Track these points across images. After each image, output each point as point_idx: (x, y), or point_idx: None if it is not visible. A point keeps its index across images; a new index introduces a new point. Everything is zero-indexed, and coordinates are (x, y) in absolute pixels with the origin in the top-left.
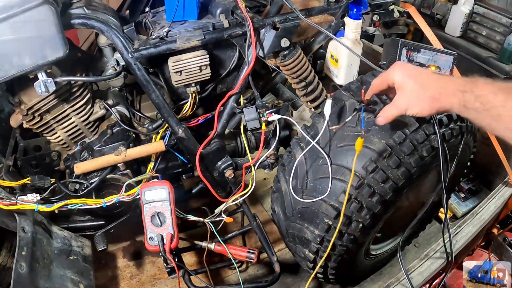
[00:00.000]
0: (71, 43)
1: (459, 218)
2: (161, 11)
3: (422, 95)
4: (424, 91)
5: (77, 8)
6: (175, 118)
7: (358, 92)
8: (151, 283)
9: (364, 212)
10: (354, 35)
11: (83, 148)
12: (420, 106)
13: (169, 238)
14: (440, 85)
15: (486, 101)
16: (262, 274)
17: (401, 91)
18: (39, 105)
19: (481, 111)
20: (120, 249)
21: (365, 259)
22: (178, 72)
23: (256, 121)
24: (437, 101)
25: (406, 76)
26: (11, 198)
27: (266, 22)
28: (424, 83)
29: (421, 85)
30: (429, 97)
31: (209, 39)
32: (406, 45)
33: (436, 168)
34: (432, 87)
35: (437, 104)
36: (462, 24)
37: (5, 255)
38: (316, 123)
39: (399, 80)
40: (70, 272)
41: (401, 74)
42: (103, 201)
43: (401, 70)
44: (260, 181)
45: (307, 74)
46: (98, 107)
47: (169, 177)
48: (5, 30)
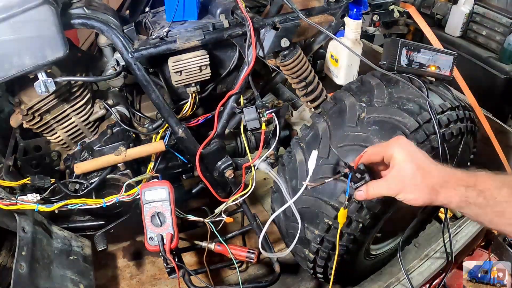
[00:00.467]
0: (71, 43)
1: (459, 218)
2: (161, 11)
3: (421, 184)
4: (424, 180)
5: (77, 8)
6: (175, 118)
7: (358, 92)
8: (151, 283)
9: (364, 212)
10: (354, 35)
11: (83, 148)
12: (415, 195)
13: (169, 238)
14: (442, 177)
15: (490, 196)
16: (262, 274)
17: (397, 171)
18: (39, 105)
19: (484, 206)
20: (120, 249)
21: (365, 259)
22: (178, 72)
23: (256, 121)
24: (437, 194)
25: (407, 156)
26: (11, 198)
27: (266, 22)
28: (426, 171)
29: (422, 172)
30: (429, 188)
31: (209, 39)
32: (406, 45)
33: None
34: (435, 177)
35: (435, 196)
36: (462, 24)
37: (5, 255)
38: (316, 123)
39: (399, 159)
40: (70, 272)
41: (403, 153)
42: (103, 201)
43: (402, 148)
44: (260, 181)
45: (307, 74)
46: (98, 107)
47: (169, 177)
48: (5, 30)
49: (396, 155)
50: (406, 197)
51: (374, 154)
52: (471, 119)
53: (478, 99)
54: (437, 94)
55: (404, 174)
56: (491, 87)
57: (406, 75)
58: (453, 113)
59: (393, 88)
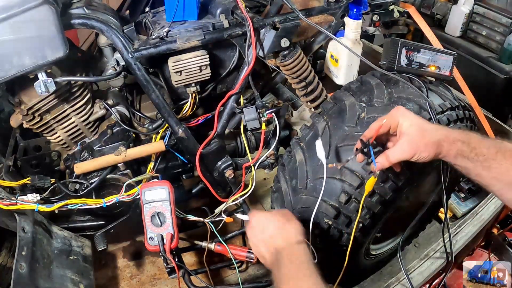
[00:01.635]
0: (71, 43)
1: (459, 218)
2: (161, 11)
3: (429, 142)
4: (431, 138)
5: (77, 8)
6: (175, 118)
7: (358, 92)
8: (151, 283)
9: (364, 212)
10: (354, 35)
11: (83, 148)
12: (427, 152)
13: (169, 238)
14: (443, 133)
15: (480, 153)
16: (262, 274)
17: (408, 136)
18: (39, 105)
19: (474, 161)
20: (120, 249)
21: (365, 259)
22: (178, 72)
23: (256, 121)
24: (441, 147)
25: (412, 121)
26: (11, 198)
27: (266, 22)
28: (429, 131)
29: (427, 132)
30: (435, 144)
31: (209, 39)
32: (406, 45)
33: (436, 168)
34: (438, 134)
35: (440, 149)
36: (462, 24)
37: (5, 255)
38: (316, 123)
39: (406, 125)
40: (70, 272)
41: (408, 120)
42: (103, 201)
43: (405, 116)
44: (260, 181)
45: (307, 74)
46: (98, 107)
47: (169, 177)
48: (5, 30)
49: (403, 122)
50: (421, 156)
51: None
52: (471, 119)
53: (478, 99)
54: (437, 94)
55: (415, 137)
56: (491, 87)
57: (406, 75)
58: (453, 113)
59: (393, 88)
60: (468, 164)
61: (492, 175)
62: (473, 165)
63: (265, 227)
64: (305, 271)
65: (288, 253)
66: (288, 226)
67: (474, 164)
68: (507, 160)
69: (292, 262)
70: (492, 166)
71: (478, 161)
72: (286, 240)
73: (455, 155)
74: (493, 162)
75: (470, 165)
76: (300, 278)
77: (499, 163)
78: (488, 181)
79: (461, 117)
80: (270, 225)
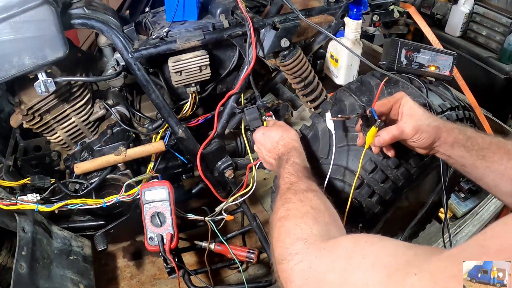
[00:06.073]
0: (71, 43)
1: (459, 218)
2: (161, 11)
3: (431, 124)
4: (432, 122)
5: (77, 8)
6: (175, 118)
7: (358, 92)
8: (151, 283)
9: (364, 212)
10: (354, 35)
11: (83, 148)
12: (428, 133)
13: (169, 238)
14: (441, 121)
15: (475, 142)
16: (262, 274)
17: (411, 115)
18: (39, 105)
19: (470, 150)
20: (120, 249)
21: None
22: (178, 72)
23: (258, 121)
24: (441, 132)
25: (416, 105)
26: (11, 198)
27: (266, 22)
28: (429, 115)
29: (429, 114)
30: (436, 127)
31: (209, 39)
32: (406, 45)
33: (436, 168)
34: (436, 120)
35: (439, 134)
36: (462, 24)
37: (5, 255)
38: (316, 123)
39: (410, 105)
40: (70, 272)
41: (411, 102)
42: (103, 201)
43: (409, 100)
44: (260, 181)
45: (307, 74)
46: (98, 107)
47: (169, 177)
48: (5, 30)
49: (406, 102)
50: (421, 136)
51: (382, 105)
52: (471, 119)
53: (478, 99)
54: (436, 94)
55: (418, 116)
56: (491, 87)
57: (405, 75)
58: (453, 113)
59: (392, 88)
60: (464, 153)
61: (486, 164)
62: (468, 154)
63: (267, 140)
64: (300, 174)
65: (287, 157)
66: (286, 135)
67: (469, 153)
68: (500, 149)
69: (290, 164)
70: (486, 155)
71: (474, 149)
72: (285, 147)
73: (452, 142)
74: (487, 151)
75: (466, 154)
76: (300, 178)
77: (493, 152)
78: (482, 172)
79: (461, 117)
80: (271, 136)
